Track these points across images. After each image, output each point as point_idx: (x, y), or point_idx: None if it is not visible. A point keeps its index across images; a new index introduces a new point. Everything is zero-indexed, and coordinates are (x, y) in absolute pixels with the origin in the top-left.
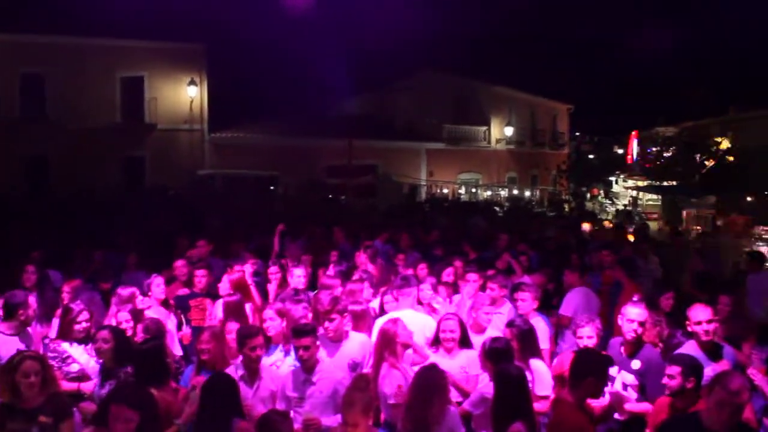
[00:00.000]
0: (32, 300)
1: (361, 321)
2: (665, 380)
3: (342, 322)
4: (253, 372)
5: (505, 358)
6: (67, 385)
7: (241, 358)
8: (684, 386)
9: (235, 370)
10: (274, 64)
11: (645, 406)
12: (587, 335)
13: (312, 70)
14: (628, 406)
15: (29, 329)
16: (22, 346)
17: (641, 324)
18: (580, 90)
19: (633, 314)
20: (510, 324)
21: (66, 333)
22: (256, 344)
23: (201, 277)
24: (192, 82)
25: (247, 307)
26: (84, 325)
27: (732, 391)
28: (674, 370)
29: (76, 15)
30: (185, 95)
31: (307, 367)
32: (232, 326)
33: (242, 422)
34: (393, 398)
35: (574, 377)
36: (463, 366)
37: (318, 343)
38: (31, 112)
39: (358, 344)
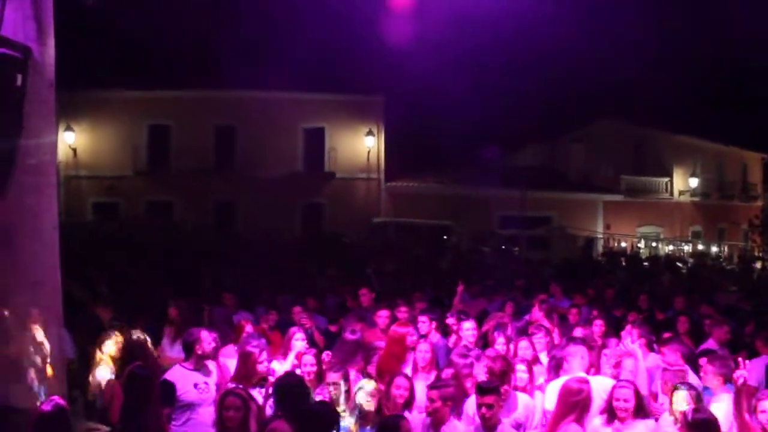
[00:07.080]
0: (205, 335)
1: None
2: None
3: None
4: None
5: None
6: None
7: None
8: None
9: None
10: (448, 114)
11: None
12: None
13: (485, 120)
14: None
15: (208, 363)
16: (201, 379)
17: None
18: None
19: None
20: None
21: (247, 377)
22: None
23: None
24: (369, 133)
25: None
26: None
27: None
28: None
29: (264, 71)
30: (363, 145)
31: (489, 426)
32: None
33: None
34: None
35: None
36: None
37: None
38: (224, 161)
39: (522, 405)
